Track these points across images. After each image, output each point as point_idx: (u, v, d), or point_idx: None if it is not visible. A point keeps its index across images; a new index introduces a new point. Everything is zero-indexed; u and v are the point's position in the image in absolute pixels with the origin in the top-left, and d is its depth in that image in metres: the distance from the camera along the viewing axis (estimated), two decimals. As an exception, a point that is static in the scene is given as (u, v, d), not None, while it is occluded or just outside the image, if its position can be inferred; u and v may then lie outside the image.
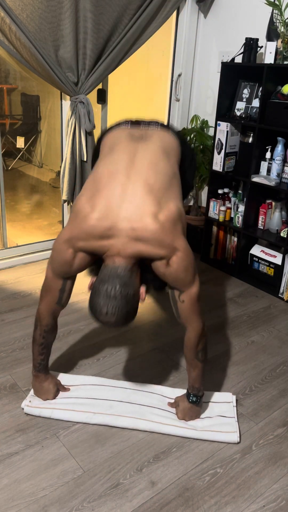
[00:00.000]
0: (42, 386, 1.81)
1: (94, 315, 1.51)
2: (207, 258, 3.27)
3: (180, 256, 1.53)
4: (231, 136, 2.90)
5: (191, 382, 1.73)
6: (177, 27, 3.22)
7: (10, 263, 3.00)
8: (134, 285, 1.53)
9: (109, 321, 1.48)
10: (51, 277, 1.65)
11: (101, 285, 1.49)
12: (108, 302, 1.46)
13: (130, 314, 1.51)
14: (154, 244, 1.51)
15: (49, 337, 1.76)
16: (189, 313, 1.62)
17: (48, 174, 5.05)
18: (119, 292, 1.47)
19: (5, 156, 4.94)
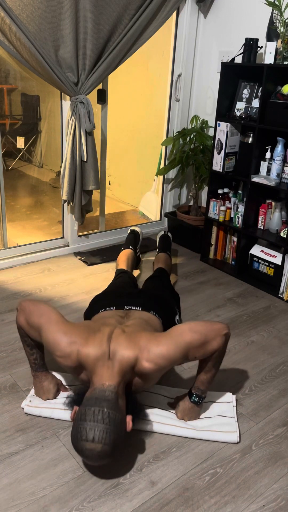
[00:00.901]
0: (42, 386, 1.81)
1: (77, 443, 1.41)
2: (207, 258, 3.27)
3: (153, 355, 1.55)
4: (231, 136, 2.90)
5: (198, 383, 1.71)
6: (177, 27, 3.22)
7: (10, 263, 3.00)
8: (121, 411, 1.49)
9: (95, 449, 1.38)
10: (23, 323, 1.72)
11: (87, 408, 1.44)
12: (95, 426, 1.40)
13: (117, 442, 1.42)
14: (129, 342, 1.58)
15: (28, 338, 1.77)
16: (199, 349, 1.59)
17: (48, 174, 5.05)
18: (107, 415, 1.42)
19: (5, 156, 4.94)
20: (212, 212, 3.12)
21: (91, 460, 1.42)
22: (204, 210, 3.51)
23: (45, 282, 2.81)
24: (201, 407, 1.77)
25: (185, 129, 3.28)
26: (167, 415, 1.77)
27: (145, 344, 1.57)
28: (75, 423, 1.45)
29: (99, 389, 1.51)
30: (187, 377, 2.03)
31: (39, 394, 1.82)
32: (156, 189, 3.81)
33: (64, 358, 1.58)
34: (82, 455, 1.42)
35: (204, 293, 2.81)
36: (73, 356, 1.57)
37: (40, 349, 1.80)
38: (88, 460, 1.43)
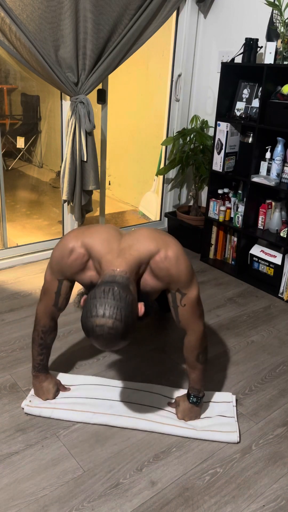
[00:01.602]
0: (42, 386, 1.81)
1: (87, 322, 1.35)
2: (207, 258, 3.27)
3: (176, 250, 1.56)
4: (231, 136, 2.90)
5: (191, 383, 1.73)
6: (177, 27, 3.22)
7: (10, 263, 3.00)
8: (133, 293, 1.44)
9: (105, 325, 1.32)
10: (49, 278, 1.66)
11: (98, 288, 1.40)
12: (106, 302, 1.35)
13: (128, 321, 1.36)
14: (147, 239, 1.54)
15: (48, 338, 1.77)
16: (190, 316, 1.61)
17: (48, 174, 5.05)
18: (118, 293, 1.38)
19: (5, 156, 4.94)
20: (212, 212, 3.12)
21: (102, 341, 1.34)
22: (204, 210, 3.51)
23: (45, 282, 2.81)
24: (201, 406, 1.77)
25: (185, 129, 3.28)
26: (167, 415, 1.77)
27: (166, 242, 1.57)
28: (85, 305, 1.39)
29: (109, 274, 1.46)
30: (187, 377, 2.03)
31: (38, 394, 1.82)
32: (156, 189, 3.81)
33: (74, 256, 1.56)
34: (92, 335, 1.34)
35: (204, 293, 2.81)
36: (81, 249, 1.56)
37: (48, 351, 1.80)
38: (98, 341, 1.35)
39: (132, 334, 1.40)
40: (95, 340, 1.36)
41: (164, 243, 1.56)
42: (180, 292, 1.57)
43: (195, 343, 1.65)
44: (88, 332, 1.36)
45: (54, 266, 1.62)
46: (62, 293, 1.67)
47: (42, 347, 1.77)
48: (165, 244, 1.55)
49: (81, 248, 1.56)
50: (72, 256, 1.57)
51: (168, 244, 1.56)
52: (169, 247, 1.55)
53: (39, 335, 1.75)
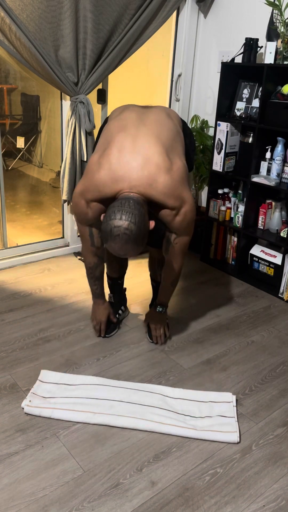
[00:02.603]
0: (99, 308, 2.21)
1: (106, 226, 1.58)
2: (207, 258, 3.27)
3: (188, 209, 1.77)
4: (231, 136, 2.90)
5: (161, 298, 2.14)
6: (177, 27, 3.22)
7: (10, 263, 3.00)
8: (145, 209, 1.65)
9: (122, 226, 1.55)
10: (79, 225, 1.94)
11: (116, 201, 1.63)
12: (122, 209, 1.58)
13: (141, 227, 1.58)
14: (165, 194, 1.69)
15: (96, 271, 2.08)
16: (177, 253, 1.94)
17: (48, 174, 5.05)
18: (133, 204, 1.60)
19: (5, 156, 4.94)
20: (212, 212, 3.12)
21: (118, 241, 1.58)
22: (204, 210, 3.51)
23: (45, 282, 2.81)
24: (165, 315, 2.21)
25: (185, 129, 3.27)
26: (167, 415, 1.77)
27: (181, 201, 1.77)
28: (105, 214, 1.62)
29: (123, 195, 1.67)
30: (187, 377, 2.03)
31: (94, 316, 2.23)
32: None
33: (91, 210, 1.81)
34: (110, 236, 1.58)
35: (204, 293, 2.81)
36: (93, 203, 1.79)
37: (101, 281, 2.14)
38: (115, 242, 1.58)
39: (143, 242, 1.63)
40: (112, 240, 1.59)
41: (180, 202, 1.74)
42: (177, 234, 1.87)
43: (174, 273, 2.02)
44: (106, 235, 1.60)
45: (81, 219, 1.88)
46: (95, 234, 1.95)
47: (94, 279, 2.11)
48: (180, 203, 1.74)
49: (93, 203, 1.79)
50: (90, 211, 1.82)
51: (181, 204, 1.74)
52: (182, 207, 1.75)
53: (88, 271, 2.08)
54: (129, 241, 1.58)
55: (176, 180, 1.71)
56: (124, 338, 2.29)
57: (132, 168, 1.67)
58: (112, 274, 2.35)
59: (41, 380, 1.93)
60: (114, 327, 2.33)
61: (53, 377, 1.95)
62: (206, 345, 2.28)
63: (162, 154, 1.70)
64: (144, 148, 1.69)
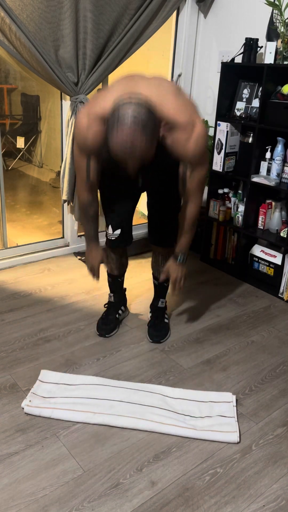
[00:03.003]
0: (92, 253, 2.10)
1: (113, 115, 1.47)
2: (207, 258, 3.27)
3: (200, 132, 1.67)
4: (231, 136, 2.90)
5: (181, 246, 2.03)
6: (177, 27, 3.22)
7: (10, 263, 3.00)
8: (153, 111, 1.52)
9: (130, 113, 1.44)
10: (77, 154, 1.83)
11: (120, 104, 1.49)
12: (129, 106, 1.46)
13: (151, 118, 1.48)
14: (176, 110, 1.61)
15: (90, 210, 2.00)
16: (195, 190, 1.87)
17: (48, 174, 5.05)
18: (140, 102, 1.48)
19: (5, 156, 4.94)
20: (212, 212, 3.12)
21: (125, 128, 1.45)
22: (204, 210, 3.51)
23: (45, 282, 2.81)
24: (185, 265, 2.10)
25: (185, 129, 3.27)
26: (167, 415, 1.78)
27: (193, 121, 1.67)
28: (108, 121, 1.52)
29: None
30: (187, 377, 2.04)
31: (87, 260, 2.12)
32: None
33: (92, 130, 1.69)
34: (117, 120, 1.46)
35: (204, 293, 2.81)
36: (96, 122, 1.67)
37: (95, 223, 2.05)
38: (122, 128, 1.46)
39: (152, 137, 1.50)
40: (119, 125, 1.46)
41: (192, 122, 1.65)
42: (192, 166, 1.78)
43: (194, 212, 1.93)
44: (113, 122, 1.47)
45: (80, 145, 1.77)
46: (91, 167, 1.85)
47: (87, 219, 2.02)
48: (192, 124, 1.65)
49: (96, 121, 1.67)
50: (91, 131, 1.70)
51: (194, 125, 1.66)
52: (193, 130, 1.66)
53: (82, 209, 2.00)
54: (138, 125, 1.46)
55: (187, 102, 1.67)
56: (124, 338, 2.29)
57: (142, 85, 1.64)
58: (113, 271, 2.34)
59: (41, 380, 1.93)
60: (114, 327, 2.33)
61: (53, 377, 1.95)
62: (206, 345, 2.28)
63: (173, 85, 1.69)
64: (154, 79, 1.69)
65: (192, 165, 1.78)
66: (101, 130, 1.69)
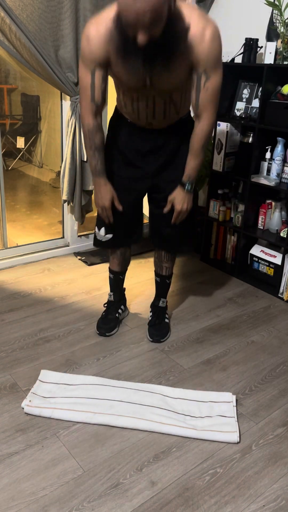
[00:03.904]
0: (100, 191, 1.95)
1: None
2: (207, 258, 3.27)
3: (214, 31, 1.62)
4: (231, 136, 2.90)
5: (190, 171, 1.90)
6: (177, 27, 3.22)
7: (10, 263, 3.00)
8: None
9: None
10: (83, 73, 1.75)
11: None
12: None
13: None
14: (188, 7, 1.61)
15: (95, 138, 1.87)
16: (209, 102, 1.74)
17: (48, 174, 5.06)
18: None
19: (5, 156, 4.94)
20: (212, 212, 3.12)
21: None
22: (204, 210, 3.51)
23: (45, 282, 2.81)
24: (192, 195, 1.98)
25: (185, 129, 3.27)
26: (167, 415, 1.78)
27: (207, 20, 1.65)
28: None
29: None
30: (187, 377, 2.04)
31: (97, 200, 1.98)
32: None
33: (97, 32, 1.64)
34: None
35: (204, 293, 2.81)
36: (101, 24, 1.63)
37: (101, 154, 1.91)
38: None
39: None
40: None
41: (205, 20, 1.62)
42: (206, 73, 1.68)
43: (207, 130, 1.81)
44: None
45: (85, 55, 1.69)
46: (97, 84, 1.76)
47: (93, 150, 1.88)
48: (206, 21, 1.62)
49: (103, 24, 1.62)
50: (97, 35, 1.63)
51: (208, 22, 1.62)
52: (208, 25, 1.61)
53: (87, 136, 1.86)
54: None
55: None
56: (124, 338, 2.29)
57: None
58: (114, 267, 2.32)
59: (41, 380, 1.93)
60: (114, 326, 2.32)
61: (53, 377, 1.95)
62: (206, 345, 2.28)
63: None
64: None
65: (206, 70, 1.67)
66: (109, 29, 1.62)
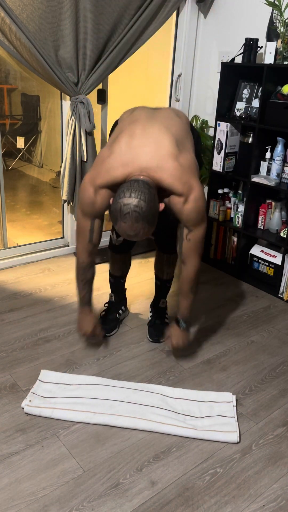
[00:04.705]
0: (85, 319, 2.03)
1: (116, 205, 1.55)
2: (207, 258, 3.27)
3: (197, 195, 1.71)
4: (231, 136, 2.90)
5: (183, 310, 1.97)
6: (177, 27, 3.22)
7: (10, 263, 3.00)
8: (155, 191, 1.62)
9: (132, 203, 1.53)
10: (81, 218, 1.84)
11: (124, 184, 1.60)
12: (132, 188, 1.56)
13: (151, 206, 1.56)
14: (174, 177, 1.66)
15: (88, 273, 1.95)
16: (192, 251, 1.85)
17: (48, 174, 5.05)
18: (142, 184, 1.58)
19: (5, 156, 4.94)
20: (212, 212, 3.12)
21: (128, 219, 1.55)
22: (204, 210, 3.51)
23: (45, 282, 2.81)
24: (189, 332, 2.03)
25: (185, 129, 3.27)
26: (167, 415, 1.78)
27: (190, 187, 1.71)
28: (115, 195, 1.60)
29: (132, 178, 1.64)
30: (187, 377, 2.04)
31: (79, 326, 2.05)
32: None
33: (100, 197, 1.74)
34: (120, 215, 1.55)
35: (204, 293, 2.81)
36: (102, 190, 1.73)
37: (90, 287, 2.00)
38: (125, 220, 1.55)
39: (154, 221, 1.60)
40: (122, 219, 1.56)
41: (188, 187, 1.69)
42: (188, 228, 1.78)
43: (192, 275, 1.89)
44: (116, 214, 1.56)
45: (85, 209, 1.80)
46: (95, 229, 1.86)
47: (84, 283, 1.96)
48: (187, 189, 1.69)
49: (102, 190, 1.73)
50: (99, 198, 1.75)
51: (189, 190, 1.69)
52: (190, 194, 1.70)
53: (80, 271, 1.94)
54: (139, 219, 1.55)
55: (185, 166, 1.70)
56: (124, 338, 2.29)
57: (142, 151, 1.67)
58: (115, 272, 2.33)
59: (41, 380, 1.93)
60: (114, 326, 2.33)
61: (53, 377, 1.95)
62: (206, 345, 2.28)
63: (172, 143, 1.70)
64: (154, 134, 1.70)
65: (188, 226, 1.78)
66: (109, 195, 1.75)
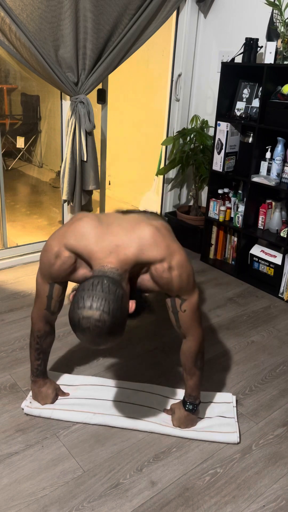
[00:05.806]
0: (41, 391, 1.79)
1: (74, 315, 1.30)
2: (207, 258, 3.27)
3: (181, 259, 1.49)
4: (231, 136, 2.90)
5: (189, 390, 1.68)
6: (177, 27, 3.22)
7: (10, 263, 3.00)
8: (124, 288, 1.38)
9: (92, 317, 1.26)
10: (39, 280, 1.61)
11: (87, 281, 1.34)
12: (94, 294, 1.29)
13: (117, 315, 1.30)
14: (151, 244, 1.45)
15: (44, 343, 1.72)
16: (191, 322, 1.57)
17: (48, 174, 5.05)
18: (107, 286, 1.32)
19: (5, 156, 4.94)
20: (212, 212, 3.12)
21: (88, 334, 1.28)
22: (204, 210, 3.51)
23: (45, 282, 2.81)
24: (197, 414, 1.73)
25: (185, 129, 3.28)
26: (167, 416, 1.77)
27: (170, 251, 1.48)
28: (73, 298, 1.34)
29: (99, 269, 1.40)
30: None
31: (37, 399, 1.80)
32: (156, 189, 3.81)
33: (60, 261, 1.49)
34: (78, 328, 1.29)
35: (204, 293, 2.81)
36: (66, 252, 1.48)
37: (46, 356, 1.77)
38: (84, 335, 1.29)
39: (121, 331, 1.34)
40: (81, 333, 1.29)
41: (169, 251, 1.47)
42: (181, 298, 1.53)
43: (195, 349, 1.61)
44: (74, 325, 1.30)
45: (43, 270, 1.57)
46: (54, 296, 1.61)
47: (38, 352, 1.73)
48: (169, 253, 1.47)
49: (66, 252, 1.49)
50: (58, 261, 1.50)
51: (172, 254, 1.48)
52: (173, 257, 1.47)
53: (35, 340, 1.71)
54: (102, 334, 1.28)
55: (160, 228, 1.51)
56: (124, 338, 2.29)
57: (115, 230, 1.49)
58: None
59: (41, 380, 1.93)
60: None
61: (53, 378, 1.95)
62: (206, 345, 2.28)
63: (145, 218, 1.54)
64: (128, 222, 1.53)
65: (180, 295, 1.52)
66: (70, 264, 1.51)
